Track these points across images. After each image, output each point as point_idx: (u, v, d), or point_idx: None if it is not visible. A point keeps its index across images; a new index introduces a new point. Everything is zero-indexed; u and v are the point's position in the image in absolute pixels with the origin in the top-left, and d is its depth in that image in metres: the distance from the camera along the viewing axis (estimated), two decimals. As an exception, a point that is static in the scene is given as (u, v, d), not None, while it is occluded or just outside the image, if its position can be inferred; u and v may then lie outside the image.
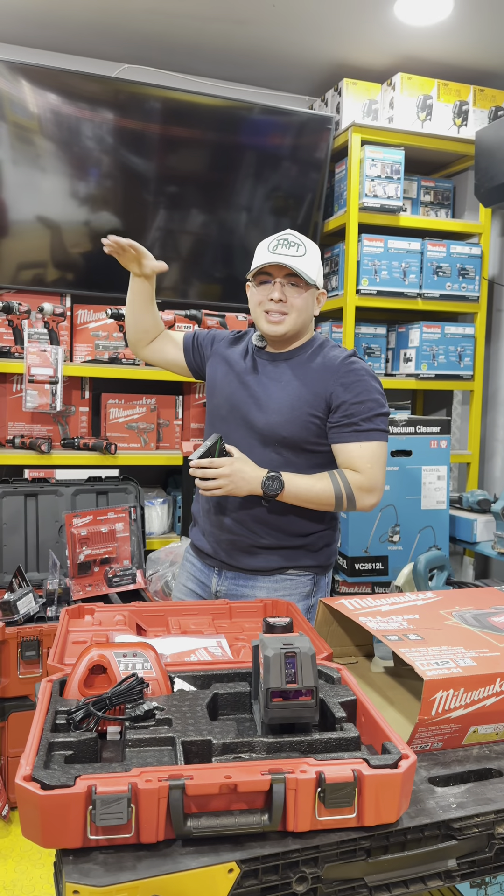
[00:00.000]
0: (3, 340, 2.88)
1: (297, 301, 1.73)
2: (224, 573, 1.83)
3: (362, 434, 1.71)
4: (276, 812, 0.87)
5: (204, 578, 1.88)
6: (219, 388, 1.85)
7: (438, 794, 1.01)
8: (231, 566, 1.82)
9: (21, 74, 2.75)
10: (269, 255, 1.72)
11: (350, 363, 1.75)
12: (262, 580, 1.79)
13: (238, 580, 1.81)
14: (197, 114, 3.01)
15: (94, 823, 0.83)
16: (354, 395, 1.71)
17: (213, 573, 1.85)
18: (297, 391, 1.74)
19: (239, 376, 1.82)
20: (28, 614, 2.35)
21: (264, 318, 1.75)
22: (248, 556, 1.79)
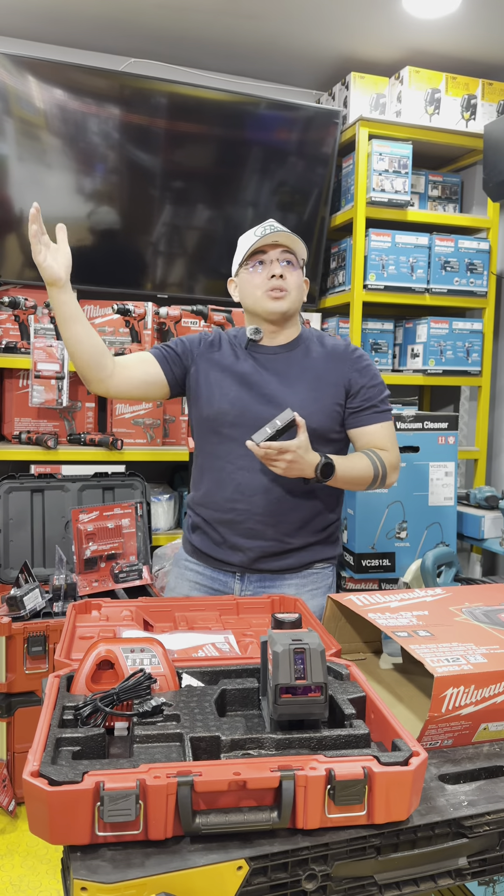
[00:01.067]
0: (9, 336, 2.88)
1: (292, 279, 1.74)
2: (248, 577, 1.76)
3: (381, 415, 1.78)
4: (286, 809, 0.86)
5: (220, 586, 1.78)
6: (217, 396, 1.73)
7: (449, 792, 1.00)
8: (257, 570, 1.75)
9: (27, 69, 2.74)
10: (263, 237, 1.72)
11: (356, 350, 1.82)
12: (290, 577, 1.76)
13: (264, 581, 1.75)
14: (203, 108, 2.99)
15: (102, 820, 0.83)
16: (370, 380, 1.77)
17: (234, 579, 1.77)
18: (315, 380, 1.73)
19: (241, 378, 1.74)
20: (34, 610, 2.35)
21: (266, 298, 1.72)
22: (277, 560, 1.74)
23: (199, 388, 1.77)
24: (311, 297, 3.36)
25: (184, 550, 1.88)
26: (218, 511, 1.75)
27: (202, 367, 1.78)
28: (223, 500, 1.74)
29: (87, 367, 1.70)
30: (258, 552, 1.73)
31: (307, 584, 1.77)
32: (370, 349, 3.34)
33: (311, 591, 1.76)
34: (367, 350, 3.33)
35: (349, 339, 3.19)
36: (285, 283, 1.72)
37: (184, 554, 1.87)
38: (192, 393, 1.79)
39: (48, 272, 1.63)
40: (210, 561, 1.79)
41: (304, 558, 1.77)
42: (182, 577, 1.84)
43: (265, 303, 1.72)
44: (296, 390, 1.72)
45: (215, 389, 1.74)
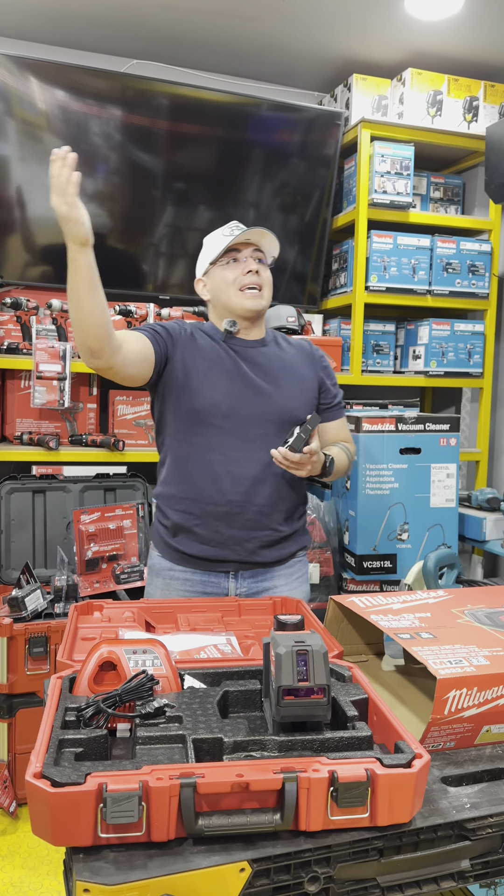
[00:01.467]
0: (11, 337, 2.88)
1: (265, 275, 1.78)
2: (241, 574, 1.76)
3: (342, 411, 1.95)
4: (289, 811, 0.86)
5: (213, 588, 1.75)
6: (208, 387, 1.71)
7: (451, 794, 1.00)
8: (249, 563, 1.75)
9: (29, 70, 2.75)
10: (237, 234, 1.75)
11: (319, 349, 1.94)
12: (279, 569, 1.80)
13: (256, 576, 1.77)
14: (205, 110, 3.00)
15: (105, 821, 0.83)
16: (332, 379, 1.92)
17: (228, 578, 1.76)
18: (297, 373, 1.81)
19: (229, 370, 1.73)
20: (36, 611, 2.35)
21: (242, 295, 1.74)
22: (270, 550, 1.77)
23: (188, 377, 1.71)
24: (313, 298, 3.36)
25: (165, 559, 1.79)
26: (212, 504, 1.71)
27: (188, 356, 1.73)
28: (218, 492, 1.70)
29: (104, 339, 1.56)
30: (257, 543, 1.74)
31: (293, 574, 1.83)
32: (372, 351, 3.34)
33: (298, 580, 1.84)
34: (368, 352, 3.33)
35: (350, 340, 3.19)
36: (260, 280, 1.75)
37: (166, 563, 1.78)
38: (177, 382, 1.72)
39: (82, 229, 1.50)
40: (201, 564, 1.75)
41: (291, 547, 1.82)
42: (169, 587, 1.77)
43: (242, 300, 1.75)
44: (283, 383, 1.77)
45: (204, 380, 1.71)
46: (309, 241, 3.28)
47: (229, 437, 1.70)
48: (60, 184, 1.50)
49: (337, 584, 2.81)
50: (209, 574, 1.75)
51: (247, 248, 1.77)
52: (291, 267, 3.28)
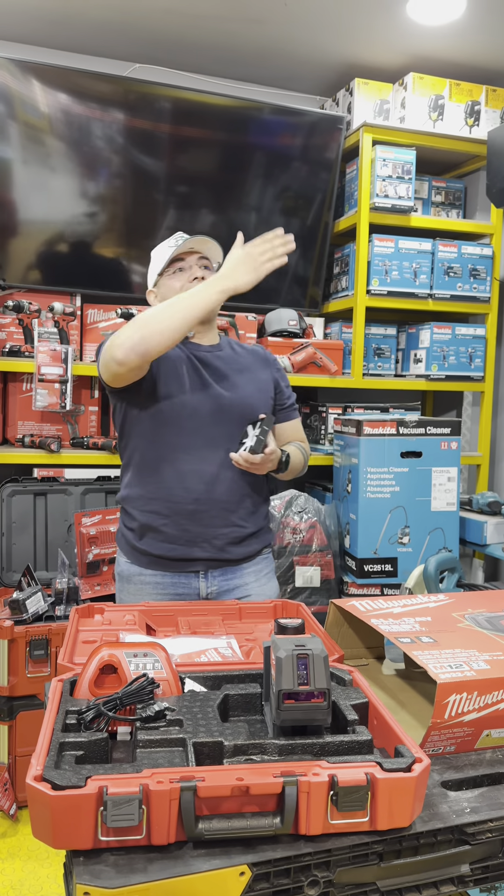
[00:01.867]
0: (13, 340, 2.88)
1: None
2: (210, 573, 1.79)
3: (296, 412, 2.00)
4: (289, 815, 0.86)
5: (184, 590, 1.77)
6: (176, 388, 1.75)
7: (451, 799, 1.00)
8: (218, 561, 1.78)
9: (32, 74, 2.76)
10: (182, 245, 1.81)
11: (272, 354, 2.00)
12: (247, 566, 1.84)
13: (226, 574, 1.80)
14: (207, 113, 3.00)
15: (106, 825, 0.83)
16: (285, 381, 1.97)
17: (198, 578, 1.78)
18: (253, 375, 1.87)
19: (191, 372, 1.78)
20: (37, 613, 2.35)
21: None
22: (237, 546, 1.80)
23: (156, 381, 1.75)
24: (315, 302, 3.37)
25: (134, 564, 1.80)
26: (179, 502, 1.74)
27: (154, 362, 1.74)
28: (184, 490, 1.73)
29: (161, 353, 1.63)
30: (224, 539, 1.78)
31: (262, 570, 1.88)
32: (373, 354, 3.35)
33: (266, 576, 1.88)
34: (369, 355, 3.33)
35: (351, 344, 3.19)
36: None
37: (135, 568, 1.79)
38: (145, 386, 1.74)
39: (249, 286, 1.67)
40: (171, 565, 1.76)
41: (256, 545, 1.86)
42: (141, 591, 1.78)
43: None
44: (241, 385, 1.82)
45: (168, 382, 1.75)
46: (310, 245, 3.29)
47: (194, 436, 1.75)
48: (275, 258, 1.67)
49: (338, 587, 2.82)
50: (179, 575, 1.78)
51: (191, 256, 1.83)
52: (293, 270, 3.29)
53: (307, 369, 3.11)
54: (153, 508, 1.76)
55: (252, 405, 1.80)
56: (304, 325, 3.23)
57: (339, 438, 2.90)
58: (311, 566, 2.73)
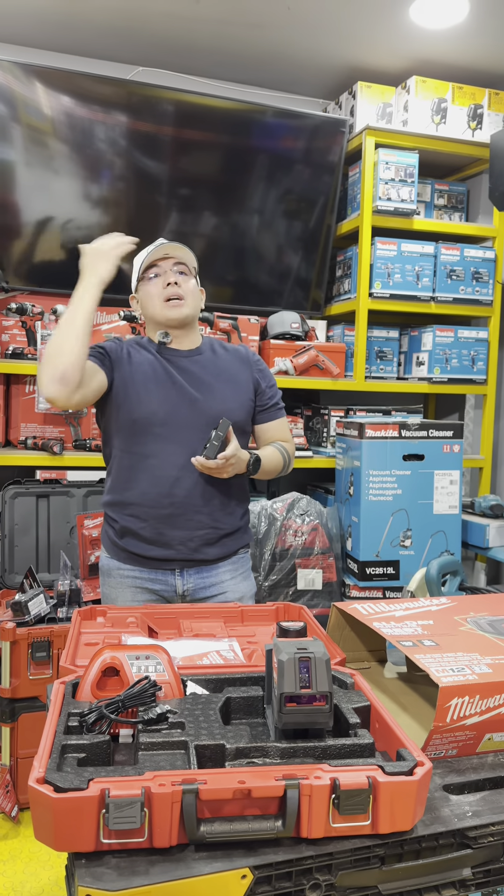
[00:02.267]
0: (16, 342, 2.89)
1: (187, 286, 1.85)
2: (186, 571, 1.83)
3: (280, 411, 2.00)
4: (290, 818, 0.86)
5: (161, 586, 1.83)
6: (145, 398, 1.78)
7: (453, 802, 1.00)
8: (194, 561, 1.83)
9: (35, 77, 2.77)
10: (155, 251, 1.84)
11: (255, 354, 2.00)
12: (223, 565, 1.87)
13: (202, 573, 1.84)
14: (210, 117, 3.01)
15: (108, 827, 0.83)
16: (269, 381, 1.97)
17: (174, 575, 1.83)
18: (231, 379, 1.88)
19: (163, 380, 1.81)
20: (39, 615, 2.35)
21: (165, 306, 1.83)
22: (212, 547, 1.84)
23: (127, 391, 1.79)
24: (317, 304, 3.37)
25: (113, 559, 1.87)
26: (156, 507, 1.79)
27: (125, 373, 1.82)
28: (160, 496, 1.79)
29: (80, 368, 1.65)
30: (199, 541, 1.82)
31: (238, 569, 1.90)
32: (375, 357, 3.35)
33: (242, 575, 1.91)
34: (372, 358, 3.34)
35: (354, 347, 3.20)
36: (181, 290, 1.83)
37: (116, 563, 1.86)
38: (118, 397, 1.80)
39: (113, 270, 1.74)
40: (148, 562, 1.83)
41: (232, 545, 1.88)
42: (121, 584, 1.85)
43: (165, 311, 1.83)
44: (217, 389, 1.84)
45: (142, 391, 1.80)
46: (313, 248, 3.29)
47: (168, 443, 1.79)
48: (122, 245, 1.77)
49: (339, 590, 2.81)
50: (156, 572, 1.83)
51: (166, 261, 1.84)
52: (295, 273, 3.29)
53: (309, 372, 3.11)
54: (131, 513, 1.82)
55: (227, 409, 1.82)
56: (307, 328, 3.23)
57: (342, 441, 2.90)
58: (313, 569, 2.73)
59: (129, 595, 1.85)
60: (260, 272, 3.24)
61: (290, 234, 3.24)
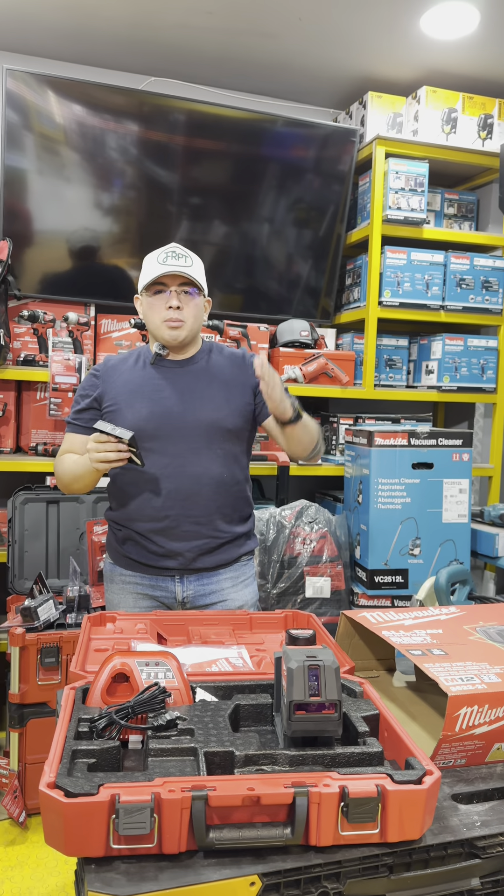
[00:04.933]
0: (27, 349, 2.91)
1: (189, 309, 1.84)
2: (186, 578, 1.84)
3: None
4: (299, 826, 0.87)
5: (161, 592, 1.85)
6: (130, 416, 1.81)
7: (462, 812, 1.00)
8: (191, 570, 1.83)
9: (48, 86, 2.79)
10: (163, 267, 1.81)
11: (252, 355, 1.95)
12: (224, 573, 1.87)
13: (202, 580, 1.85)
14: (221, 126, 3.03)
15: (117, 832, 0.83)
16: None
17: (174, 582, 1.84)
18: (224, 386, 1.87)
19: (151, 394, 1.83)
20: (48, 621, 2.36)
21: (165, 327, 1.83)
22: (211, 555, 1.84)
23: (114, 411, 1.84)
24: (326, 313, 3.38)
25: (117, 565, 1.90)
26: (151, 521, 1.81)
27: (110, 395, 1.86)
28: (155, 509, 1.81)
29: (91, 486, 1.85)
30: (196, 552, 1.82)
31: (239, 577, 1.90)
32: (385, 365, 3.35)
33: (243, 583, 1.91)
34: (381, 366, 3.34)
35: (363, 355, 3.20)
36: (182, 314, 1.83)
37: (118, 569, 1.90)
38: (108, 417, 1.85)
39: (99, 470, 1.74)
40: (148, 569, 1.85)
41: (233, 552, 1.88)
42: (123, 590, 1.89)
43: (164, 332, 1.84)
44: (208, 397, 1.84)
45: (126, 409, 1.82)
46: (323, 257, 3.30)
47: (159, 456, 1.79)
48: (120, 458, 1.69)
49: (348, 598, 2.81)
50: (156, 578, 1.85)
51: (174, 281, 1.82)
52: (305, 282, 3.30)
53: (319, 380, 3.12)
54: (130, 527, 1.86)
55: (218, 416, 1.82)
56: (316, 336, 3.24)
57: (351, 449, 2.90)
58: (322, 577, 2.73)
59: (131, 601, 1.87)
60: (270, 280, 3.26)
61: (299, 243, 3.25)
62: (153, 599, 1.86)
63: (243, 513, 1.92)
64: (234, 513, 1.87)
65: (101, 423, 1.66)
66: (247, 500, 1.93)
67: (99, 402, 1.88)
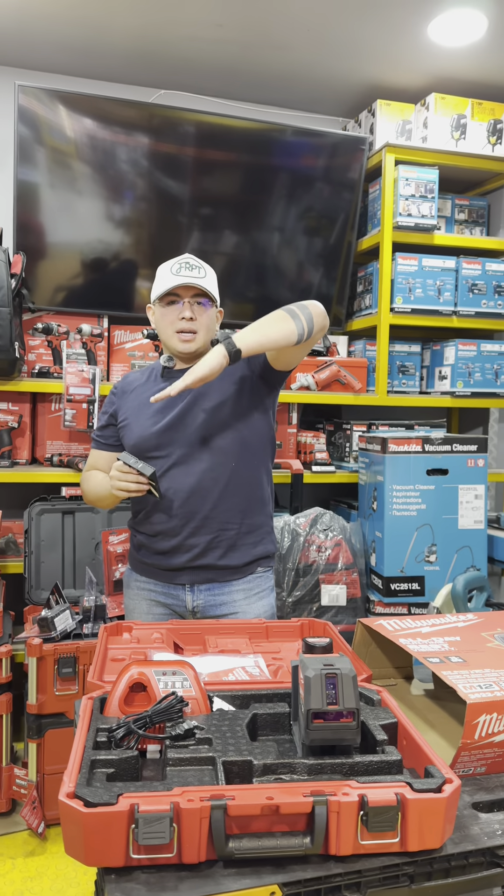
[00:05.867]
0: (42, 361, 2.93)
1: (202, 320, 1.86)
2: (196, 587, 1.84)
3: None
4: (319, 835, 0.86)
5: (172, 601, 1.86)
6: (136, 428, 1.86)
7: (483, 821, 0.99)
8: (200, 568, 1.83)
9: (59, 101, 2.83)
10: (177, 278, 1.81)
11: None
12: (237, 583, 1.85)
13: (213, 590, 1.84)
14: (231, 137, 3.05)
15: (137, 842, 0.84)
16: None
17: (185, 591, 1.84)
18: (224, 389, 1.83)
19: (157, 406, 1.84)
20: (65, 631, 2.37)
21: (177, 338, 1.84)
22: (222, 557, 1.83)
23: (124, 425, 1.90)
24: (338, 320, 3.39)
25: (134, 571, 1.95)
26: (158, 524, 1.84)
27: (122, 413, 1.92)
28: (165, 517, 1.83)
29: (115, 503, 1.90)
30: (205, 546, 1.82)
31: (253, 589, 1.88)
32: (397, 371, 3.35)
33: (257, 595, 1.88)
34: (394, 372, 3.34)
35: (375, 361, 3.20)
36: (195, 325, 1.84)
37: (134, 574, 1.94)
38: (121, 432, 1.93)
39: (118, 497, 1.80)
40: (160, 574, 1.86)
41: (246, 552, 1.86)
42: (137, 596, 1.91)
43: (176, 344, 1.85)
44: (209, 405, 1.82)
45: (134, 424, 1.87)
46: (334, 264, 3.31)
47: (165, 460, 1.81)
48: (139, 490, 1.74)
49: (364, 606, 2.80)
50: (167, 586, 1.86)
51: (187, 292, 1.83)
52: (316, 289, 3.31)
53: (331, 387, 3.12)
54: (144, 531, 1.88)
55: (217, 422, 1.81)
56: (328, 344, 3.24)
57: (364, 456, 2.90)
58: (337, 584, 2.72)
59: (145, 607, 1.89)
60: (281, 289, 3.27)
61: (310, 251, 3.26)
62: (166, 607, 1.87)
63: (257, 505, 1.88)
64: (245, 505, 1.85)
65: (125, 455, 1.72)
66: (262, 506, 1.90)
67: (115, 418, 1.94)
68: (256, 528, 1.88)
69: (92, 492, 1.91)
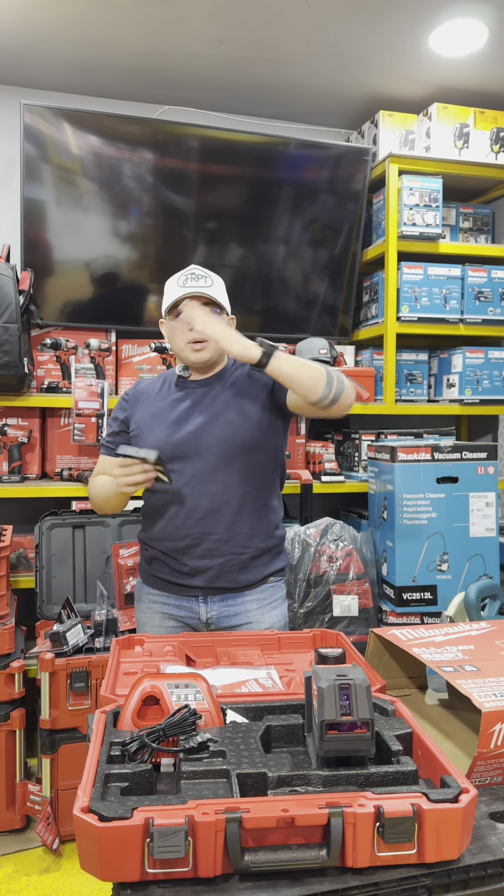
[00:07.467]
0: (51, 376, 2.95)
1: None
2: (210, 599, 1.83)
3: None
4: (335, 847, 0.86)
5: (185, 612, 1.85)
6: (150, 439, 1.84)
7: (500, 831, 0.98)
8: (214, 589, 1.82)
9: (64, 119, 2.86)
10: (183, 289, 1.82)
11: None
12: (249, 594, 1.85)
13: (226, 601, 1.83)
14: (234, 151, 3.07)
15: (152, 856, 0.83)
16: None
17: (198, 602, 1.83)
18: (237, 399, 1.85)
19: (172, 416, 1.84)
20: (77, 645, 2.37)
21: (189, 349, 1.83)
22: (236, 574, 1.82)
23: (137, 435, 1.89)
24: (345, 330, 3.39)
25: (145, 584, 1.93)
26: (174, 541, 1.83)
27: (135, 420, 1.91)
28: (176, 529, 1.82)
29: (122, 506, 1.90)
30: (218, 570, 1.81)
31: (266, 598, 1.87)
32: (405, 380, 3.35)
33: (270, 605, 1.87)
34: (402, 381, 3.34)
35: (383, 370, 3.20)
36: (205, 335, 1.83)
37: (146, 587, 1.92)
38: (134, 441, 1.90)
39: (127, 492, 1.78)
40: (172, 588, 1.86)
41: (259, 572, 1.86)
42: (149, 609, 1.90)
43: (188, 354, 1.85)
44: (224, 416, 1.82)
45: (148, 433, 1.85)
46: (339, 275, 3.32)
47: (178, 476, 1.80)
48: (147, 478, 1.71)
49: (376, 616, 2.79)
50: (180, 598, 1.85)
51: (193, 301, 1.82)
52: (322, 300, 3.32)
53: (339, 397, 3.11)
54: (155, 546, 1.88)
55: (233, 434, 1.80)
56: (335, 354, 3.24)
57: (374, 465, 2.89)
58: (349, 595, 2.71)
59: (157, 620, 1.88)
60: (287, 300, 3.28)
61: (316, 262, 3.28)
62: (178, 620, 1.86)
63: (269, 528, 1.88)
64: (258, 529, 1.85)
65: (124, 448, 1.69)
66: (273, 517, 1.90)
67: (127, 425, 1.93)
68: (268, 549, 1.88)
69: (99, 495, 1.88)
